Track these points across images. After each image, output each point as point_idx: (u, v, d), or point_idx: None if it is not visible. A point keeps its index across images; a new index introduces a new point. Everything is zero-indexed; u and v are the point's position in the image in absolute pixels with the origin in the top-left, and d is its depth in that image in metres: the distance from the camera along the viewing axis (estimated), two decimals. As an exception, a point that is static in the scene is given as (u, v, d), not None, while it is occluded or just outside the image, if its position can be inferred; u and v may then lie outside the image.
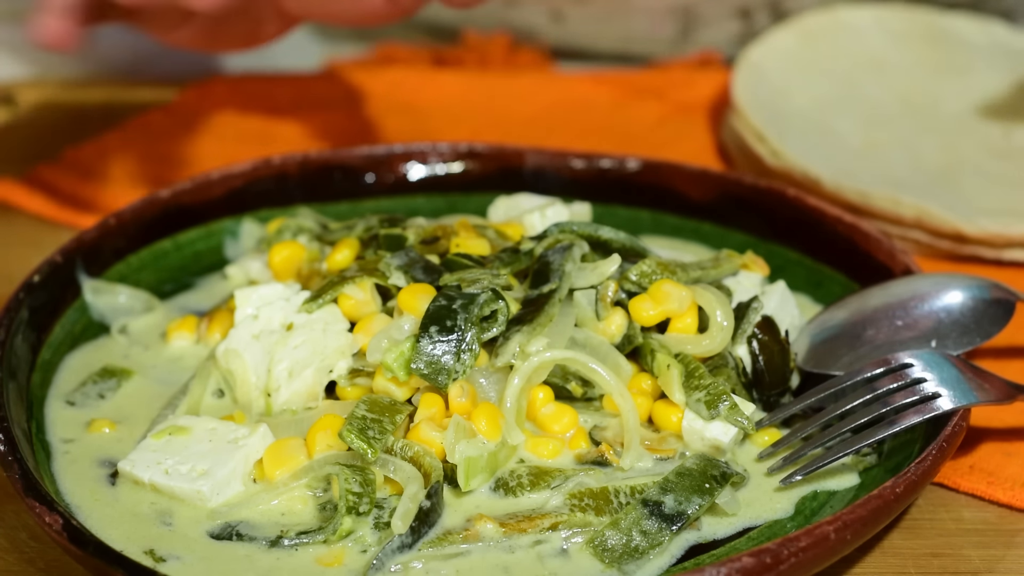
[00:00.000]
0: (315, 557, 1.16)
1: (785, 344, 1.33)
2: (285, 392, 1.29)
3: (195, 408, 1.31)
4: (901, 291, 1.34)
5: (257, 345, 1.31)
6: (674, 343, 1.30)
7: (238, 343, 1.31)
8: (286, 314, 1.33)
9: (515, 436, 1.24)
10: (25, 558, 1.21)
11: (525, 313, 1.28)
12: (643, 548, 1.17)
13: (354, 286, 1.33)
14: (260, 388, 1.30)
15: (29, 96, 2.03)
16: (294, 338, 1.30)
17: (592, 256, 1.35)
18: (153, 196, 1.50)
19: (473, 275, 1.30)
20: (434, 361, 1.24)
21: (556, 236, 1.36)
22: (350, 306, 1.34)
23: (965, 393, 1.24)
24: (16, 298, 1.34)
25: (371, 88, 2.00)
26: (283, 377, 1.29)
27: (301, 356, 1.30)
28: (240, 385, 1.31)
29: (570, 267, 1.32)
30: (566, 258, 1.32)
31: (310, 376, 1.30)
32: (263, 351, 1.31)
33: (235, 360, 1.31)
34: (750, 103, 1.77)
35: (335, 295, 1.34)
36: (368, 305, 1.34)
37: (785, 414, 1.29)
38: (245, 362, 1.31)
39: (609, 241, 1.38)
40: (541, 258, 1.34)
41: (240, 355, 1.31)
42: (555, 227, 1.38)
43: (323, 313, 1.33)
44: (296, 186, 1.56)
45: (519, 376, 1.24)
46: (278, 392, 1.29)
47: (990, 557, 1.22)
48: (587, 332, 1.30)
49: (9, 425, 1.21)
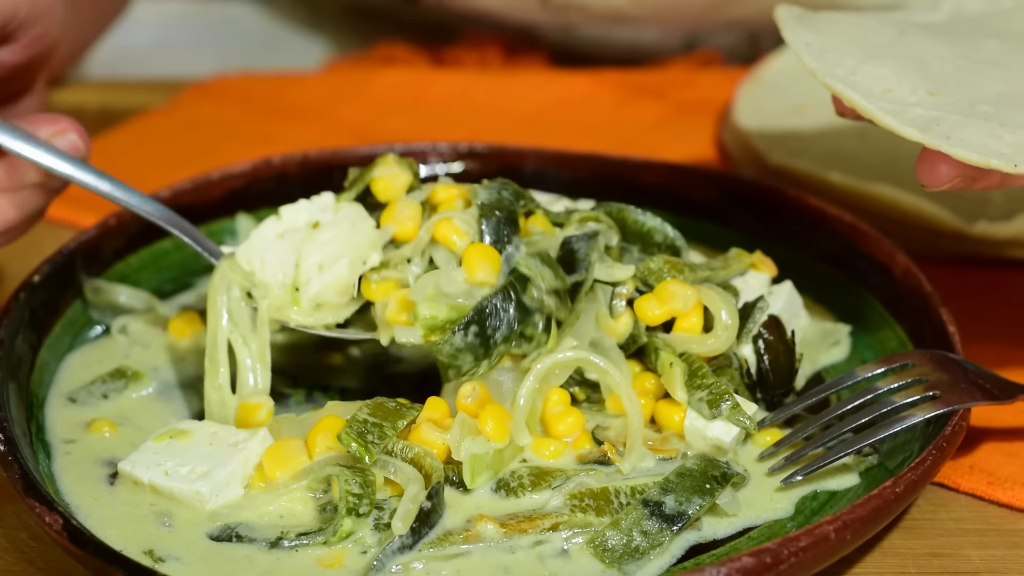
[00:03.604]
0: (315, 558, 1.16)
1: (791, 344, 1.33)
2: (316, 285, 1.28)
3: (215, 333, 1.30)
4: None
5: (281, 244, 1.29)
6: (679, 342, 1.30)
7: (261, 242, 1.29)
8: (311, 214, 1.31)
9: (523, 437, 1.24)
10: (25, 558, 1.21)
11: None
12: (644, 548, 1.17)
13: (384, 166, 1.33)
14: (287, 284, 1.28)
15: (29, 96, 2.03)
16: (323, 234, 1.29)
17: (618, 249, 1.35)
18: (153, 196, 1.50)
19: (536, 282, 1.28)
20: (454, 354, 1.24)
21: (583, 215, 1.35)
22: (382, 185, 1.34)
23: (965, 393, 1.24)
24: (16, 298, 1.34)
25: (371, 88, 2.00)
26: (313, 271, 1.28)
27: (332, 250, 1.28)
28: (263, 285, 1.29)
29: (595, 257, 1.31)
30: (592, 247, 1.32)
31: (344, 268, 1.28)
32: (289, 249, 1.29)
33: (258, 258, 1.29)
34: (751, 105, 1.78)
35: (366, 182, 1.34)
36: (399, 178, 1.34)
37: (787, 414, 1.30)
38: (269, 259, 1.29)
39: (652, 231, 1.38)
40: (565, 244, 1.32)
41: (263, 252, 1.29)
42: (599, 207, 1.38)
43: (350, 211, 1.31)
44: (296, 186, 1.56)
45: (533, 376, 1.24)
46: (307, 286, 1.28)
47: (990, 557, 1.22)
48: (600, 334, 1.30)
49: (9, 425, 1.21)
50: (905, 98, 1.25)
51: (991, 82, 1.29)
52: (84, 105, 2.00)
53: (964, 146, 1.18)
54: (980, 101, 1.25)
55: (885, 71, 1.28)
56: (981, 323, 1.47)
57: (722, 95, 1.92)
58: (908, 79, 1.28)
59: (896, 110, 1.23)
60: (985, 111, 1.24)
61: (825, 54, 1.30)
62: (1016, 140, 1.20)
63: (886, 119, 1.22)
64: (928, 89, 1.27)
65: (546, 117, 1.93)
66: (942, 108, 1.24)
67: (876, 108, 1.23)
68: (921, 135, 1.20)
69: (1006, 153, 1.18)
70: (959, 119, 1.22)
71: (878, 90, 1.26)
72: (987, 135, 1.20)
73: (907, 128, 1.21)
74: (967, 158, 1.18)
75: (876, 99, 1.25)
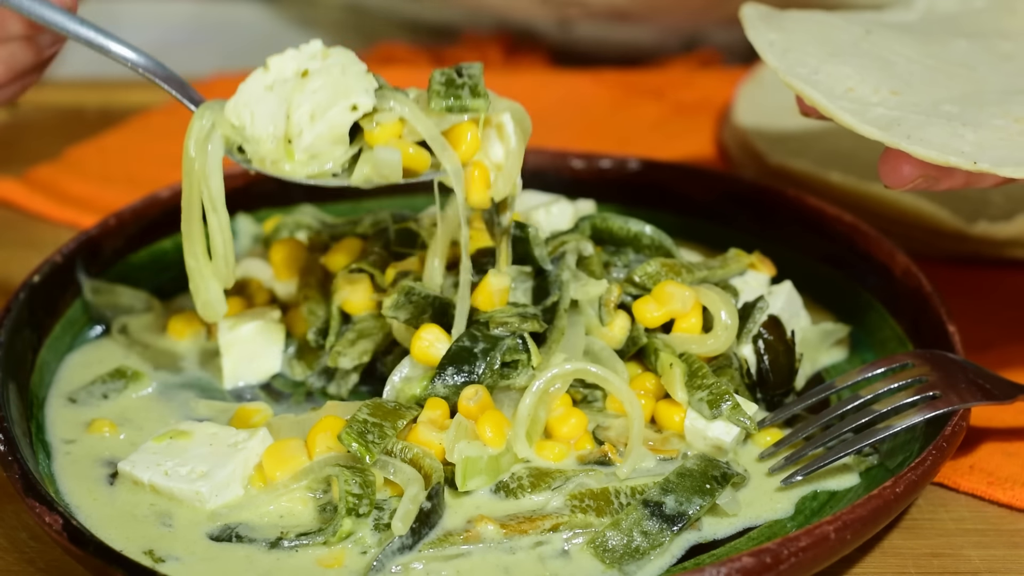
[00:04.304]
0: (315, 558, 1.16)
1: (791, 344, 1.33)
2: (308, 136, 1.23)
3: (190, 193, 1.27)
4: None
5: (271, 96, 1.25)
6: (678, 343, 1.30)
7: (249, 96, 1.25)
8: (299, 63, 1.27)
9: (522, 449, 1.24)
10: (25, 558, 1.21)
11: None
12: (644, 549, 1.17)
13: None
14: (278, 137, 1.24)
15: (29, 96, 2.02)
16: (312, 83, 1.25)
17: (597, 257, 1.35)
18: (153, 196, 1.50)
19: (503, 315, 1.29)
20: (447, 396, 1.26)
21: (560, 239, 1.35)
22: None
23: (965, 393, 1.24)
24: (16, 298, 1.34)
25: (371, 88, 1.99)
26: (305, 121, 1.23)
27: (322, 99, 1.24)
28: (255, 139, 1.25)
29: (566, 276, 1.31)
30: (560, 268, 1.32)
31: (336, 115, 1.24)
32: (278, 100, 1.25)
33: (247, 111, 1.26)
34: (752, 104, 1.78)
35: None
36: None
37: (787, 414, 1.30)
38: (259, 112, 1.25)
39: (638, 235, 1.38)
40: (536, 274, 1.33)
41: (253, 106, 1.25)
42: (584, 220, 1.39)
43: (339, 56, 1.27)
44: (296, 186, 1.55)
45: (530, 396, 1.24)
46: (300, 137, 1.23)
47: (990, 557, 1.22)
48: (591, 338, 1.30)
49: (9, 425, 1.21)
50: (867, 97, 1.25)
51: (957, 82, 1.29)
52: (84, 105, 2.00)
53: (924, 144, 1.18)
54: (944, 101, 1.25)
55: (848, 70, 1.28)
56: (981, 323, 1.47)
57: (722, 95, 1.92)
58: (871, 79, 1.27)
59: (857, 109, 1.23)
60: (949, 111, 1.23)
61: (788, 53, 1.29)
62: (978, 138, 1.20)
63: (846, 118, 1.22)
64: (891, 88, 1.26)
65: (546, 117, 1.93)
66: (904, 108, 1.24)
67: (837, 107, 1.22)
68: (881, 134, 1.20)
69: (967, 151, 1.18)
70: (921, 119, 1.21)
71: (840, 89, 1.26)
72: (949, 134, 1.20)
73: (867, 127, 1.20)
74: (926, 156, 1.17)
75: (837, 98, 1.24)
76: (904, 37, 1.37)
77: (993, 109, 1.24)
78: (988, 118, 1.23)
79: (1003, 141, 1.20)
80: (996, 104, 1.25)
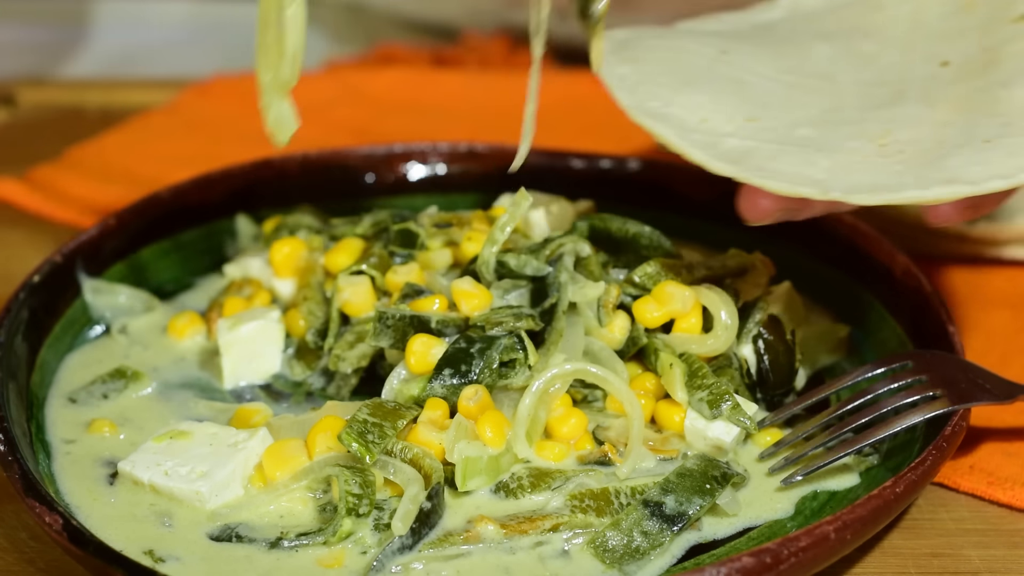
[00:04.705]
0: (315, 558, 1.16)
1: (791, 344, 1.33)
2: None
3: None
4: None
5: None
6: (678, 343, 1.30)
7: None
8: None
9: (522, 449, 1.24)
10: (25, 558, 1.21)
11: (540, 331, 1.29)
12: (644, 549, 1.17)
13: None
14: None
15: (29, 96, 2.03)
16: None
17: (595, 258, 1.35)
18: (153, 196, 1.50)
19: (498, 316, 1.29)
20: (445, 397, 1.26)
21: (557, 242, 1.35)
22: None
23: (965, 393, 1.24)
24: (16, 298, 1.35)
25: (371, 88, 2.00)
26: None
27: None
28: None
29: (564, 278, 1.31)
30: (558, 270, 1.32)
31: None
32: None
33: None
34: None
35: None
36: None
37: (787, 414, 1.30)
38: None
39: (637, 236, 1.38)
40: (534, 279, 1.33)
41: None
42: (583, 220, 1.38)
43: None
44: (296, 186, 1.57)
45: (530, 396, 1.24)
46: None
47: (990, 557, 1.22)
48: (591, 339, 1.30)
49: (9, 425, 1.21)
50: (720, 128, 1.21)
51: (816, 98, 1.26)
52: (84, 105, 2.00)
53: (776, 177, 1.15)
54: (802, 124, 1.22)
55: (702, 99, 1.24)
56: (981, 323, 1.47)
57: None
58: (726, 106, 1.24)
59: (709, 142, 1.19)
60: (805, 135, 1.20)
61: (639, 87, 1.26)
62: (832, 164, 1.16)
63: (696, 154, 1.18)
64: (746, 115, 1.23)
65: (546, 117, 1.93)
66: (759, 136, 1.20)
67: (687, 143, 1.19)
68: (732, 169, 1.16)
69: (820, 179, 1.14)
70: (774, 148, 1.18)
71: (693, 120, 1.22)
72: (802, 162, 1.16)
73: (718, 163, 1.17)
74: (777, 189, 1.14)
75: (689, 131, 1.21)
76: (761, 52, 1.32)
77: (849, 129, 1.21)
78: (844, 140, 1.19)
79: (859, 164, 1.17)
80: (853, 123, 1.22)
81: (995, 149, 1.16)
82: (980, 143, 1.17)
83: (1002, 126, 1.18)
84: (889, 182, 1.14)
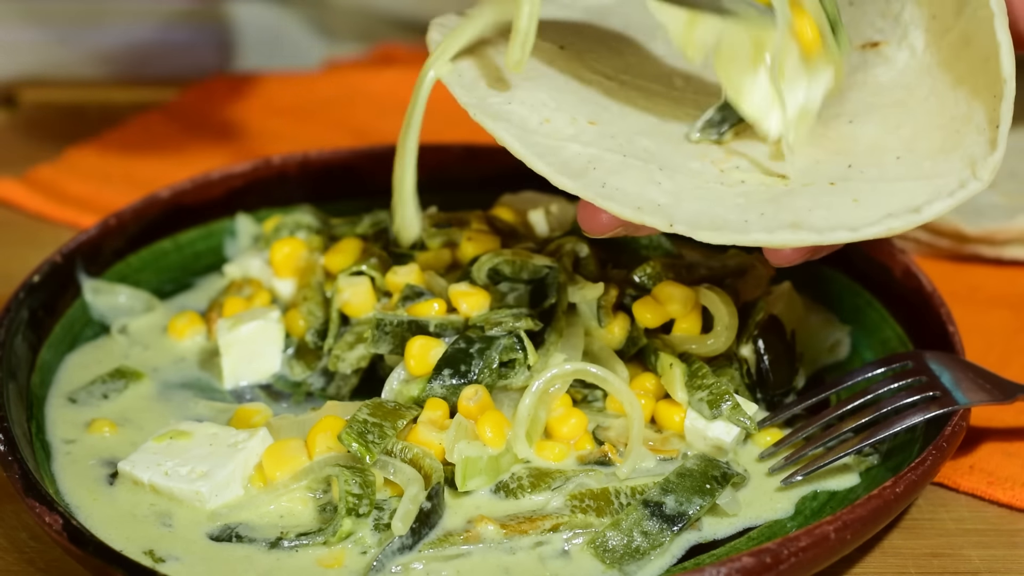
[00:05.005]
0: (315, 558, 1.16)
1: (791, 344, 1.33)
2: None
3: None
4: None
5: None
6: (678, 343, 1.30)
7: None
8: None
9: (522, 449, 1.24)
10: (25, 558, 1.21)
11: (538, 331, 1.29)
12: (644, 549, 1.17)
13: None
14: None
15: (29, 96, 2.03)
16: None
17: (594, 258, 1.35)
18: (153, 196, 1.50)
19: (497, 316, 1.29)
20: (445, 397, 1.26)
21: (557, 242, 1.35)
22: None
23: (965, 393, 1.24)
24: (16, 298, 1.34)
25: (371, 88, 2.00)
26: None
27: None
28: None
29: (563, 278, 1.31)
30: (557, 271, 1.32)
31: None
32: None
33: None
34: None
35: None
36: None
37: (787, 414, 1.29)
38: None
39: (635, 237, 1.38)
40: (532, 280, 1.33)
41: None
42: None
43: None
44: (296, 186, 1.57)
45: (530, 396, 1.24)
46: None
47: (990, 557, 1.22)
48: (591, 339, 1.30)
49: (9, 425, 1.21)
50: (562, 130, 1.16)
51: (654, 103, 1.20)
52: (84, 105, 2.00)
53: (619, 198, 1.10)
54: (643, 132, 1.17)
55: (543, 96, 1.18)
56: (981, 323, 1.47)
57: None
58: (567, 106, 1.17)
59: (552, 147, 1.13)
60: (645, 148, 1.15)
61: (479, 82, 1.19)
62: (675, 187, 1.12)
63: (538, 164, 1.13)
64: (588, 117, 1.17)
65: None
66: (601, 143, 1.15)
67: (530, 153, 1.13)
68: (575, 185, 1.11)
69: (663, 204, 1.10)
70: (617, 160, 1.13)
71: (535, 120, 1.16)
72: (644, 180, 1.12)
73: (561, 178, 1.11)
74: (621, 214, 1.10)
75: (531, 133, 1.14)
76: (599, 48, 1.26)
77: (690, 148, 1.17)
78: (685, 159, 1.15)
79: (700, 191, 1.13)
80: (693, 140, 1.18)
81: (840, 194, 1.11)
82: (825, 184, 1.13)
83: (847, 167, 1.14)
84: (732, 218, 1.10)
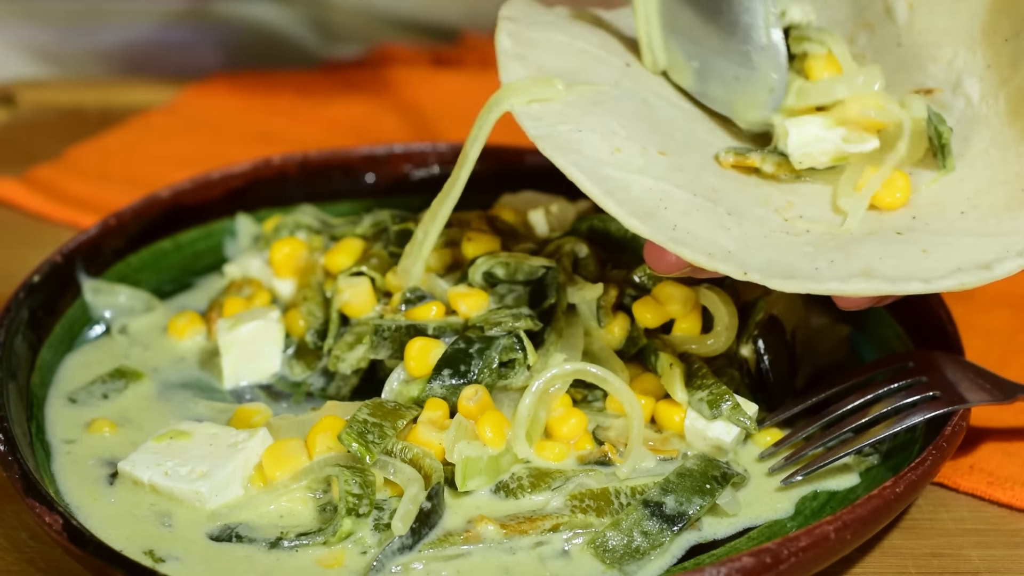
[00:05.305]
0: (315, 558, 1.16)
1: (791, 344, 1.33)
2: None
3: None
4: None
5: None
6: (678, 343, 1.30)
7: None
8: None
9: (522, 449, 1.24)
10: (25, 558, 1.21)
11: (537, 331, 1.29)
12: (644, 549, 1.17)
13: None
14: None
15: (29, 96, 2.03)
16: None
17: (594, 258, 1.35)
18: (153, 196, 1.50)
19: (497, 316, 1.29)
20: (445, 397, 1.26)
21: (556, 242, 1.35)
22: None
23: (965, 393, 1.24)
24: (16, 298, 1.34)
25: (371, 88, 2.00)
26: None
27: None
28: None
29: (563, 279, 1.31)
30: (556, 271, 1.32)
31: None
32: None
33: None
34: None
35: None
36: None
37: (787, 414, 1.29)
38: None
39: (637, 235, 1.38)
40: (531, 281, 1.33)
41: None
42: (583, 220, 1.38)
43: None
44: (296, 186, 1.57)
45: (530, 396, 1.24)
46: None
47: (990, 557, 1.22)
48: (590, 339, 1.30)
49: (9, 425, 1.21)
50: (632, 161, 1.11)
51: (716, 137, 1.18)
52: (84, 105, 2.00)
53: (691, 243, 1.07)
54: (707, 167, 1.15)
55: (614, 123, 1.13)
56: (981, 323, 1.47)
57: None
58: (637, 133, 1.13)
59: (622, 183, 1.09)
60: (712, 185, 1.13)
61: (546, 108, 1.14)
62: (742, 233, 1.10)
63: (609, 204, 1.09)
64: (658, 147, 1.13)
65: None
66: (671, 178, 1.12)
67: (599, 190, 1.09)
68: (646, 229, 1.08)
69: (732, 251, 1.08)
70: (686, 198, 1.10)
71: (606, 151, 1.12)
72: (714, 225, 1.10)
73: (632, 220, 1.08)
74: (694, 260, 1.08)
75: (603, 164, 1.10)
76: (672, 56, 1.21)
77: (752, 192, 1.15)
78: (750, 205, 1.14)
79: (766, 239, 1.11)
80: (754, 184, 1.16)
81: (908, 243, 1.11)
82: (892, 233, 1.12)
83: (911, 219, 1.14)
84: (803, 266, 1.09)
